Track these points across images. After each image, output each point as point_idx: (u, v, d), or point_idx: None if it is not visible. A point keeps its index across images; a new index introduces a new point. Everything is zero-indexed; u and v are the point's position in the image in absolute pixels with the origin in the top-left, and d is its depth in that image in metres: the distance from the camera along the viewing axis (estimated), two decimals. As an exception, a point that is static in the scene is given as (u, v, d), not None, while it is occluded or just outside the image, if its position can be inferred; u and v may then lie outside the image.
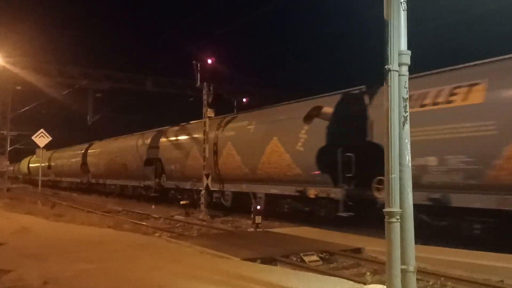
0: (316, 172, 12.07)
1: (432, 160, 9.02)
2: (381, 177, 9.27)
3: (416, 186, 8.56)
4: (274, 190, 13.75)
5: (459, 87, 8.88)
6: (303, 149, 12.34)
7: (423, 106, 9.22)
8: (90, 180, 30.69)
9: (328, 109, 11.92)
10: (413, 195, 9.11)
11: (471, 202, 8.55)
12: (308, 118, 12.37)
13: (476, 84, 8.65)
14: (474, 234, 8.82)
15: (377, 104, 9.72)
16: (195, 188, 17.49)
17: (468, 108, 8.57)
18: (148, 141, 22.03)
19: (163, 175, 20.47)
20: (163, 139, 20.77)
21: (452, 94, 8.92)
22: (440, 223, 9.18)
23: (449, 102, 8.91)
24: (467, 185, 8.58)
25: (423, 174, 9.14)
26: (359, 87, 11.60)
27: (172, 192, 20.05)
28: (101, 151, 29.10)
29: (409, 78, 9.52)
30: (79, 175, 32.61)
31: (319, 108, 12.25)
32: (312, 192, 12.23)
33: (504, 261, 7.07)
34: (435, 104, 9.10)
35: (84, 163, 31.19)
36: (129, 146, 24.71)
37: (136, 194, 24.35)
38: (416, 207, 8.88)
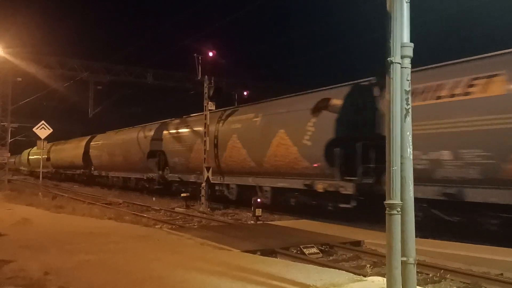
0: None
1: (446, 154, 8.90)
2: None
3: (429, 180, 9.13)
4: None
5: (477, 78, 8.62)
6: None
7: (438, 98, 9.10)
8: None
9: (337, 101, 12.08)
10: (425, 190, 9.03)
11: (487, 197, 8.39)
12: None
13: (495, 75, 8.37)
14: (474, 228, 8.87)
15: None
16: (199, 181, 17.44)
17: (487, 100, 8.33)
18: (151, 133, 22.32)
19: (167, 167, 20.90)
20: (166, 132, 21.10)
21: (470, 86, 8.67)
22: (453, 218, 9.15)
23: (467, 94, 8.65)
24: (483, 180, 8.41)
25: (437, 168, 9.06)
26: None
27: (176, 185, 20.58)
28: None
29: (423, 70, 9.00)
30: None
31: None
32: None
33: (504, 255, 7.09)
34: (451, 96, 8.90)
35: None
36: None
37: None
38: (429, 201, 9.07)
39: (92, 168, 30.23)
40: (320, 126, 11.88)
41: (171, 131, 20.40)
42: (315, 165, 12.09)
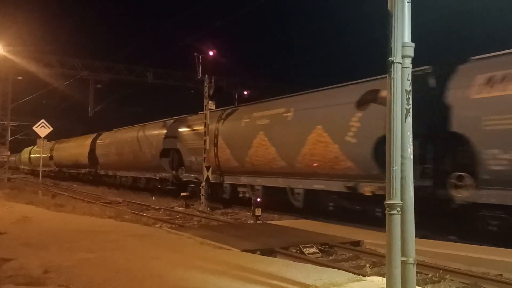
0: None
1: None
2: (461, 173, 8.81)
3: (510, 183, 8.03)
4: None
5: None
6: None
7: None
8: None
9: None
10: (504, 195, 7.95)
11: None
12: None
13: None
14: (475, 228, 8.85)
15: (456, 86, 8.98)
16: (218, 182, 16.66)
17: None
18: (164, 130, 20.94)
19: (182, 167, 19.64)
20: (181, 129, 19.74)
21: None
22: None
23: None
24: None
25: None
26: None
27: (192, 185, 18.67)
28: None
29: (503, 54, 8.47)
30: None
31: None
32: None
33: (503, 255, 7.10)
34: None
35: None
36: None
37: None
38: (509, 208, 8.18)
39: (99, 167, 29.37)
40: (367, 121, 10.49)
41: (187, 128, 18.93)
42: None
